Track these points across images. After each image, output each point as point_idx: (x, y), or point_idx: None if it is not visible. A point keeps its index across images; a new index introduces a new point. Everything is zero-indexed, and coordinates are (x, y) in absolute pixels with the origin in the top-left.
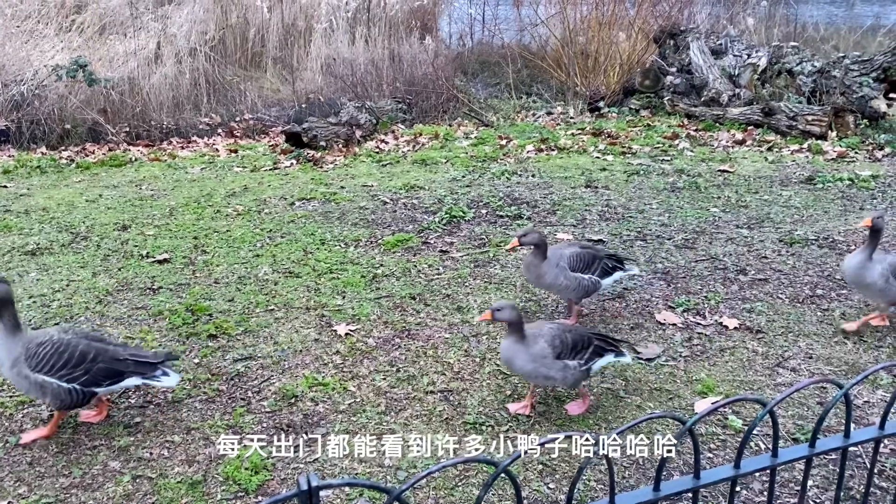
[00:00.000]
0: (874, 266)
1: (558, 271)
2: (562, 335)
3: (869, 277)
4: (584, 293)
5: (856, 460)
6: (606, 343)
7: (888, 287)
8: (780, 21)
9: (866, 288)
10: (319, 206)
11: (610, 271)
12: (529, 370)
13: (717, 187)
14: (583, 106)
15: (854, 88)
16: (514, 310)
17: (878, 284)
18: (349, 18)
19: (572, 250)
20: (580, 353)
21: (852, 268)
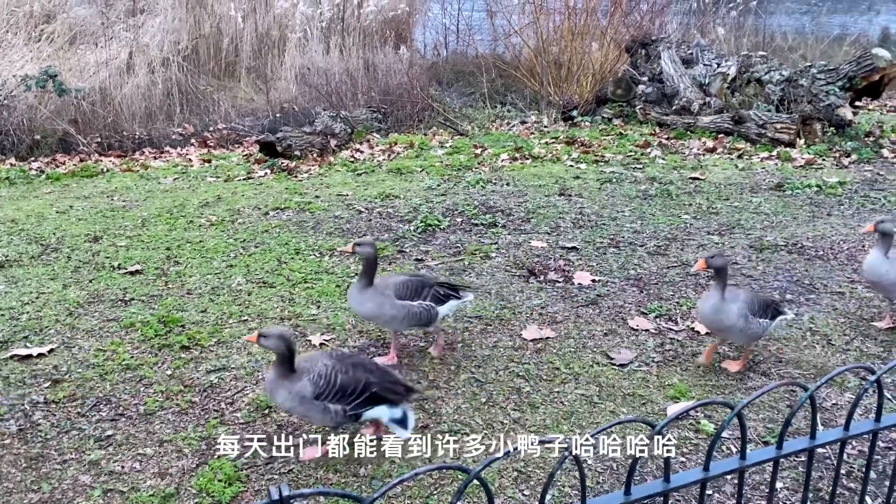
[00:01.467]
0: (729, 307)
1: (383, 300)
2: (329, 374)
3: (727, 320)
4: (417, 322)
5: (825, 461)
6: (393, 390)
7: (748, 326)
8: (749, 31)
9: (727, 331)
10: (294, 216)
11: (443, 299)
12: (288, 408)
13: (688, 194)
14: (556, 115)
15: (821, 97)
16: (282, 339)
17: (739, 325)
18: (323, 28)
19: (400, 278)
20: (349, 397)
21: (708, 313)
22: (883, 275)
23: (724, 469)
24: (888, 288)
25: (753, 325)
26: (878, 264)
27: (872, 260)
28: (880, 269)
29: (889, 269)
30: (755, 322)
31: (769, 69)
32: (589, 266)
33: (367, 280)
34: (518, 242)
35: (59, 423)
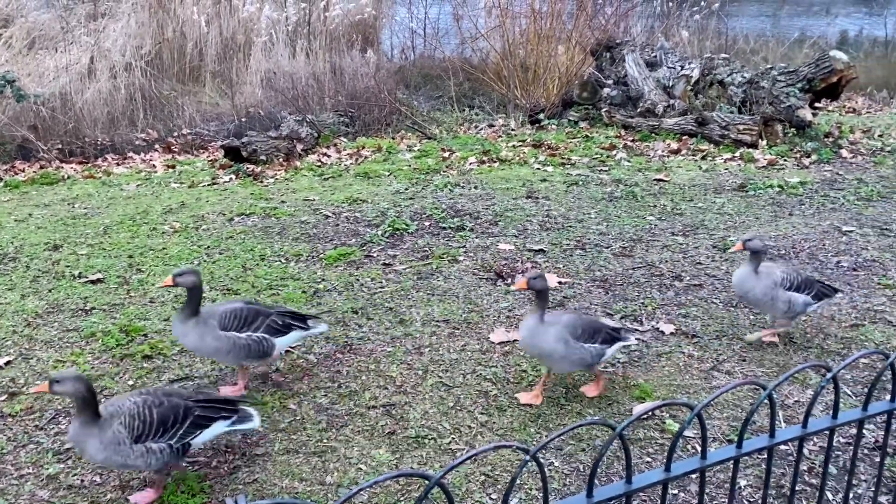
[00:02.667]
0: (547, 331)
1: (205, 331)
2: (142, 411)
3: (545, 344)
4: (247, 355)
5: (787, 458)
6: (217, 407)
7: (569, 351)
8: (712, 34)
9: (547, 357)
10: (259, 222)
11: (282, 329)
12: (102, 460)
13: (653, 196)
14: (523, 118)
15: (782, 98)
16: (79, 381)
17: (558, 351)
18: (289, 32)
19: (230, 307)
20: (172, 429)
21: (525, 337)
22: (750, 290)
23: (686, 469)
24: (755, 302)
25: (576, 350)
26: (746, 279)
27: (741, 275)
28: (747, 284)
29: (755, 285)
30: (578, 347)
31: (731, 71)
32: (556, 268)
33: (190, 310)
34: (486, 245)
35: (15, 436)
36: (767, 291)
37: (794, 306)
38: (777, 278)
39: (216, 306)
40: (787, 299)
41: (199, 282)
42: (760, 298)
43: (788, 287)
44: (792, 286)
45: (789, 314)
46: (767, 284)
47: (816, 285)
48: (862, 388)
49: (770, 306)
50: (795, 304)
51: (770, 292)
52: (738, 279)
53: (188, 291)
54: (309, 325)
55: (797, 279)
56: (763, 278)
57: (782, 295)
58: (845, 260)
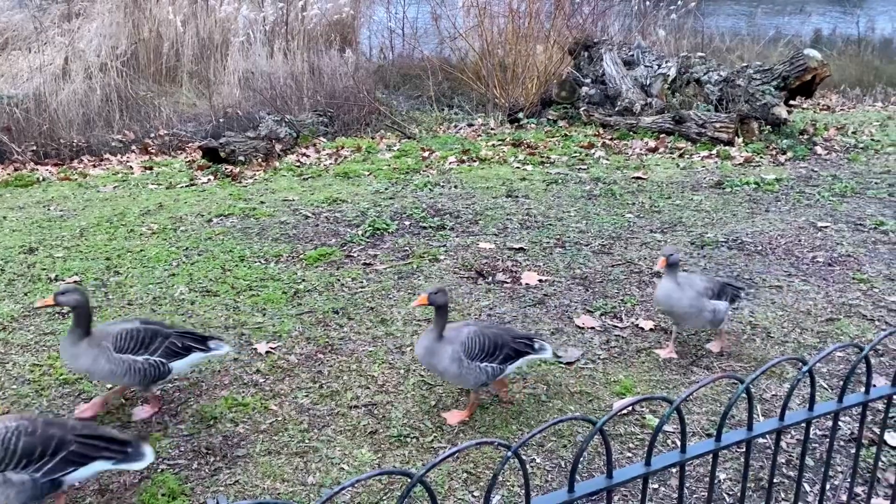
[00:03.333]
0: (443, 349)
1: (98, 353)
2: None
3: (439, 364)
4: (142, 379)
5: (766, 451)
6: (100, 446)
7: (463, 371)
8: (688, 32)
9: (442, 375)
10: (238, 222)
11: (181, 352)
12: None
13: (631, 194)
14: (503, 117)
15: (757, 96)
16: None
17: (452, 370)
18: (267, 32)
19: (125, 326)
20: (37, 462)
21: (421, 354)
22: (676, 303)
23: (666, 463)
24: (682, 315)
25: (472, 370)
26: (672, 293)
27: (666, 289)
28: (674, 297)
29: (681, 296)
30: (473, 368)
31: (708, 70)
32: (536, 266)
33: (80, 331)
34: (466, 244)
35: None
36: (694, 303)
37: (718, 314)
38: (700, 288)
39: (110, 326)
40: (712, 308)
41: (84, 300)
42: (688, 311)
43: (711, 295)
44: (714, 294)
45: (714, 323)
46: (692, 296)
47: (728, 289)
48: (837, 380)
49: (696, 317)
50: (719, 312)
51: (696, 303)
52: (664, 294)
53: (74, 311)
54: (210, 346)
55: (717, 286)
56: (687, 290)
57: (708, 304)
58: (821, 255)
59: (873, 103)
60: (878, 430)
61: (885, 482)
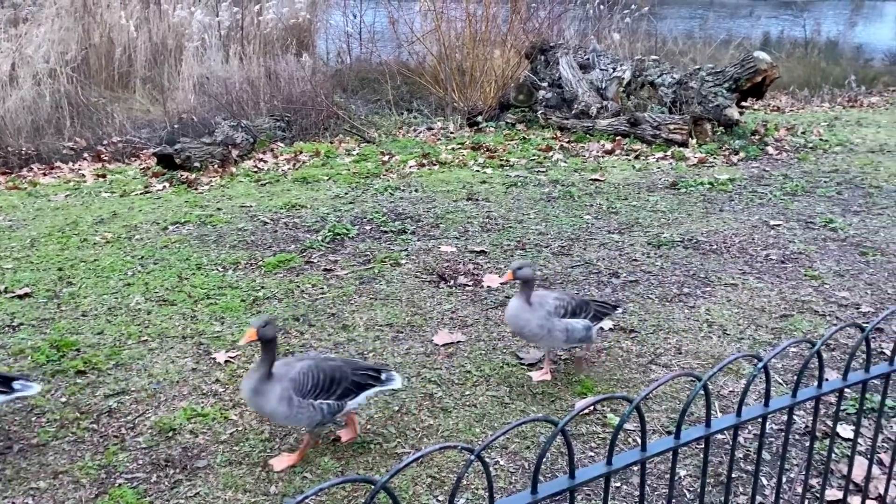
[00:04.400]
0: (272, 387)
1: None
2: None
3: (266, 405)
4: None
5: (724, 447)
6: None
7: (295, 412)
8: (642, 36)
9: (271, 416)
10: (195, 230)
11: None
12: None
13: (589, 195)
14: (462, 121)
15: (710, 98)
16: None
17: (280, 411)
18: (222, 36)
19: None
20: None
21: (246, 395)
22: (525, 324)
23: (627, 462)
24: (532, 336)
25: (305, 409)
26: (520, 312)
27: (514, 309)
28: (522, 317)
29: (531, 318)
30: (306, 406)
31: (662, 72)
32: (497, 269)
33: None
34: (428, 248)
35: None
36: (543, 323)
37: (573, 333)
38: (550, 307)
39: None
40: (563, 328)
41: None
42: (537, 332)
43: (563, 314)
44: (567, 312)
45: (570, 343)
46: (542, 315)
47: (592, 306)
48: (792, 375)
49: (548, 338)
50: (574, 331)
51: (546, 323)
52: (512, 313)
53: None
54: (14, 387)
55: (571, 304)
56: (537, 309)
57: (558, 324)
58: (774, 253)
59: (821, 104)
60: (831, 423)
61: (839, 473)
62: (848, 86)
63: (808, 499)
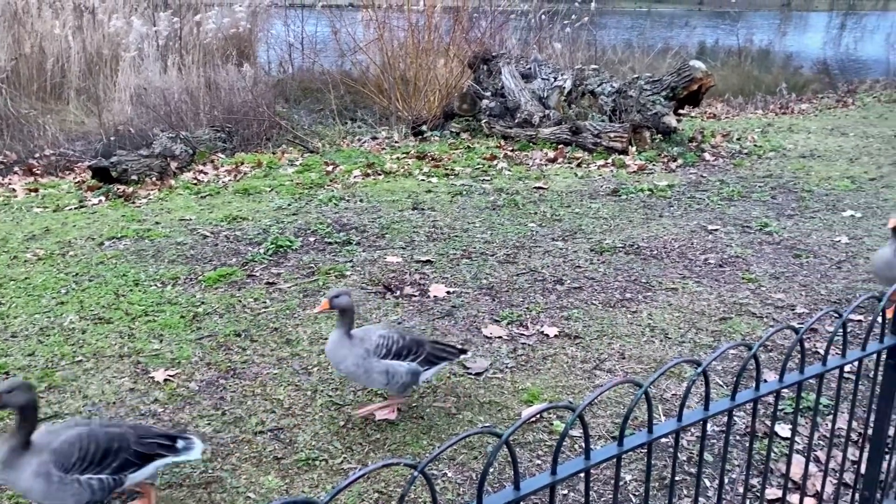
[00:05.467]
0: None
1: None
2: None
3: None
4: None
5: (668, 450)
6: None
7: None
8: (582, 45)
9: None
10: (132, 245)
11: None
12: None
13: (533, 203)
14: (406, 130)
15: (648, 106)
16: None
17: (38, 491)
18: (160, 46)
19: None
20: None
21: None
22: (342, 360)
23: (571, 471)
24: (349, 375)
25: (69, 488)
26: (338, 347)
27: (333, 342)
28: (339, 353)
29: (348, 354)
30: (72, 484)
31: (601, 81)
32: (443, 278)
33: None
34: (373, 259)
35: None
36: (360, 362)
37: (395, 377)
38: (371, 344)
39: None
40: (383, 369)
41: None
42: (353, 371)
43: (385, 354)
44: (390, 353)
45: (392, 387)
46: (359, 353)
47: (426, 347)
48: (732, 376)
49: (366, 379)
50: (397, 375)
51: (363, 363)
52: (328, 346)
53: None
54: (177, 447)
55: (397, 343)
56: (356, 345)
57: (377, 365)
58: (712, 257)
59: (755, 111)
60: (770, 423)
61: (779, 472)
62: (780, 93)
63: (750, 498)
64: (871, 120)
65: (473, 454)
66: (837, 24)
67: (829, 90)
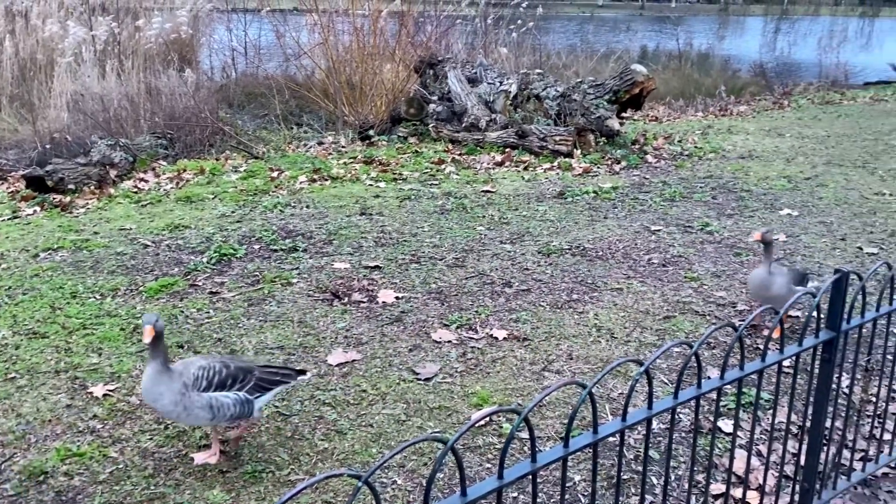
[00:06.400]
0: None
1: None
2: None
3: None
4: None
5: (616, 449)
6: None
7: None
8: (527, 50)
9: None
10: (69, 256)
11: None
12: None
13: (481, 207)
14: (353, 135)
15: (592, 110)
16: None
17: None
18: (98, 52)
19: None
20: None
21: None
22: (157, 398)
23: (518, 474)
24: (168, 414)
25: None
26: (153, 384)
27: (146, 377)
28: (154, 390)
29: (164, 390)
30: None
31: (546, 85)
32: (392, 283)
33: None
34: (320, 265)
35: None
36: (178, 399)
37: (222, 410)
38: (190, 378)
39: None
40: (205, 404)
41: None
42: (171, 409)
43: (207, 386)
44: (213, 384)
45: (219, 421)
46: (177, 389)
47: (255, 373)
48: (676, 374)
49: (186, 417)
50: (223, 408)
51: (182, 399)
52: (146, 383)
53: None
54: None
55: (220, 373)
56: (175, 379)
57: (198, 400)
58: (656, 257)
59: (695, 113)
60: (713, 419)
61: (722, 467)
62: (719, 96)
63: (695, 494)
64: (805, 121)
65: (423, 460)
66: (772, 28)
67: (766, 93)
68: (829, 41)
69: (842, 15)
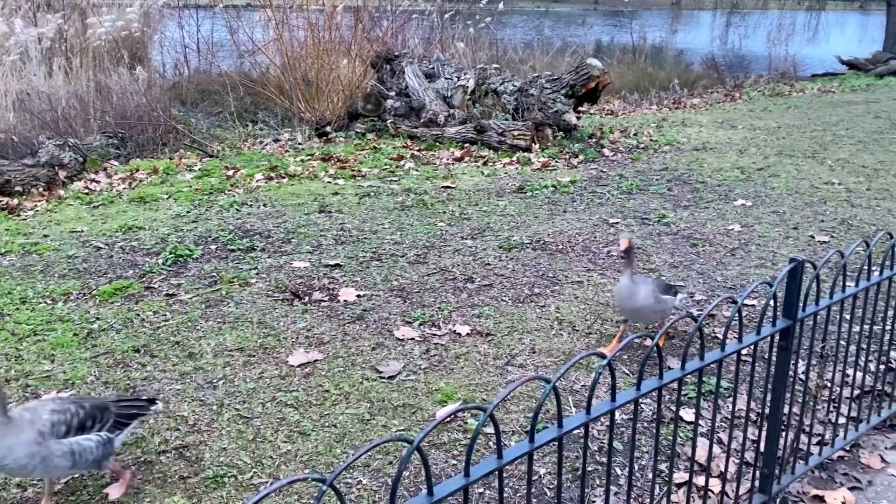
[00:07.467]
0: None
1: None
2: None
3: None
4: None
5: (581, 441)
6: None
7: None
8: (484, 45)
9: None
10: (17, 260)
11: None
12: None
13: (442, 203)
14: (310, 132)
15: (549, 104)
16: None
17: None
18: (44, 50)
19: None
20: None
21: None
22: (6, 453)
23: (484, 471)
24: (20, 471)
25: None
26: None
27: None
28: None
29: (13, 444)
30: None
31: (504, 80)
32: (353, 281)
33: None
34: (279, 265)
35: None
36: (35, 450)
37: (84, 455)
38: (45, 425)
39: None
40: (66, 451)
41: None
42: (26, 464)
43: (67, 431)
44: (71, 428)
45: (80, 469)
46: (30, 440)
47: (112, 409)
48: (638, 365)
49: (44, 469)
50: (86, 452)
51: (40, 450)
52: None
53: None
54: None
55: (78, 415)
56: (25, 430)
57: (57, 448)
58: (614, 249)
59: (650, 106)
60: (675, 409)
61: (685, 456)
62: (672, 89)
63: (658, 483)
64: (756, 113)
65: (388, 459)
66: (723, 22)
67: (718, 85)
68: (777, 34)
69: (790, 9)
